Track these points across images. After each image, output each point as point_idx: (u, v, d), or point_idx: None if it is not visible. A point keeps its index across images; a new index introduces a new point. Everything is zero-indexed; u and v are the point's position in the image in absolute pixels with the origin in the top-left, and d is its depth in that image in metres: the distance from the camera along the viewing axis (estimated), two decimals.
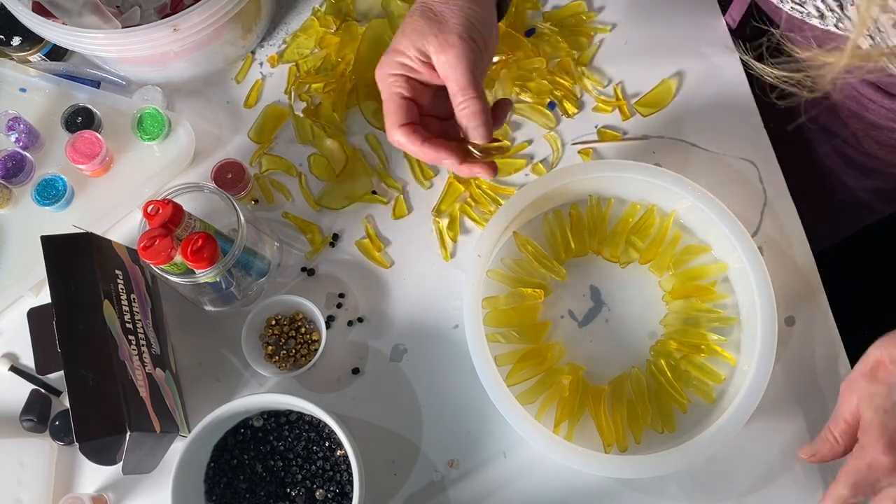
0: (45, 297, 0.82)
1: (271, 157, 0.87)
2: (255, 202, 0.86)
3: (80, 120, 0.86)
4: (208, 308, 0.80)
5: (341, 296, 0.82)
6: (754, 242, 0.76)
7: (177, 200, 0.72)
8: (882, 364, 0.62)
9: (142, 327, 0.75)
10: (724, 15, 0.89)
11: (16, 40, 0.87)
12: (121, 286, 0.74)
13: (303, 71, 0.90)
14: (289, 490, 0.75)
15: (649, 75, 0.88)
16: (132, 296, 0.75)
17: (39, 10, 0.79)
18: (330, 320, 0.82)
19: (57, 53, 0.91)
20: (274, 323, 0.81)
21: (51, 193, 0.84)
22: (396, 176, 0.86)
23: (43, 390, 0.80)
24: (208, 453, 0.76)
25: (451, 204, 0.84)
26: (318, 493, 0.75)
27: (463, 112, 0.64)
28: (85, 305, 0.69)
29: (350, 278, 0.83)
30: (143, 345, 0.74)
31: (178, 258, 0.70)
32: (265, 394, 0.74)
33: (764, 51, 0.61)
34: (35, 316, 0.80)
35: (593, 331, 0.80)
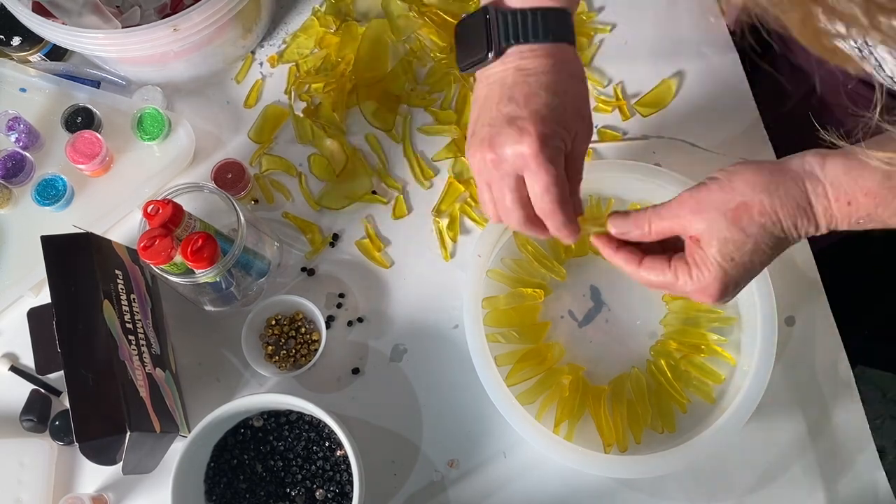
0: (45, 297, 0.82)
1: (271, 157, 0.87)
2: (255, 202, 0.86)
3: (80, 120, 0.86)
4: (208, 308, 0.80)
5: (341, 296, 0.82)
6: None
7: (177, 200, 0.72)
8: (749, 211, 0.57)
9: (142, 327, 0.75)
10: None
11: (16, 40, 0.87)
12: (121, 286, 0.74)
13: (303, 71, 0.90)
14: (289, 490, 0.75)
15: (649, 75, 0.88)
16: (132, 296, 0.75)
17: (39, 10, 0.79)
18: (330, 320, 0.82)
19: (57, 53, 0.91)
20: (274, 323, 0.81)
21: (51, 193, 0.84)
22: (396, 176, 0.86)
23: (43, 390, 0.80)
24: (208, 453, 0.76)
25: (451, 204, 0.84)
26: (318, 493, 0.75)
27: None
28: (85, 305, 0.69)
29: (350, 278, 0.83)
30: (143, 345, 0.74)
31: (178, 258, 0.70)
32: (265, 394, 0.74)
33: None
34: (35, 316, 0.80)
35: (593, 331, 0.80)
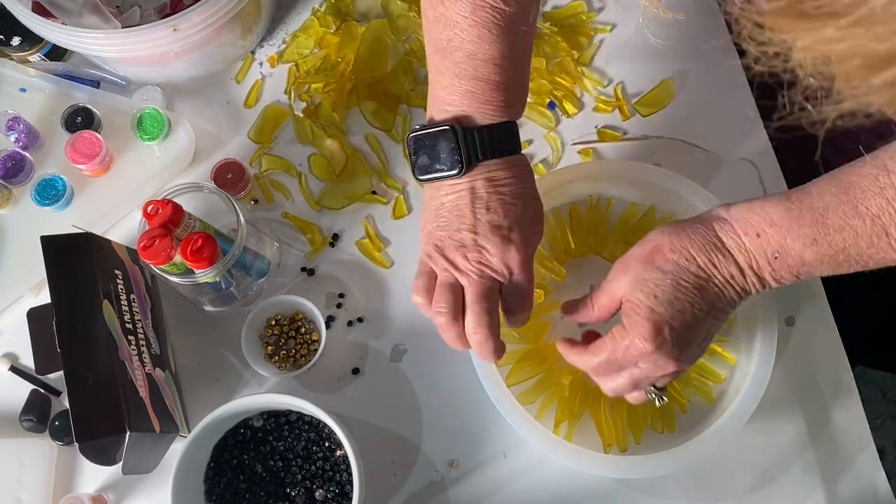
0: (45, 297, 0.82)
1: (271, 157, 0.87)
2: (254, 202, 0.86)
3: (79, 120, 0.86)
4: (208, 308, 0.80)
5: (341, 296, 0.82)
6: None
7: (177, 200, 0.72)
8: (661, 251, 0.60)
9: (141, 327, 0.75)
10: None
11: (16, 40, 0.87)
12: (121, 286, 0.74)
13: (302, 71, 0.90)
14: (289, 490, 0.75)
15: (649, 75, 0.88)
16: (132, 296, 0.75)
17: (39, 10, 0.79)
18: (330, 320, 0.81)
19: (57, 53, 0.91)
20: (274, 323, 0.81)
21: (50, 193, 0.84)
22: (396, 176, 0.86)
23: (43, 390, 0.80)
24: (208, 453, 0.76)
25: None
26: (317, 494, 0.75)
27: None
28: (85, 305, 0.69)
29: (350, 278, 0.83)
30: (142, 345, 0.74)
31: (178, 258, 0.70)
32: (265, 394, 0.74)
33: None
34: (35, 316, 0.80)
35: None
